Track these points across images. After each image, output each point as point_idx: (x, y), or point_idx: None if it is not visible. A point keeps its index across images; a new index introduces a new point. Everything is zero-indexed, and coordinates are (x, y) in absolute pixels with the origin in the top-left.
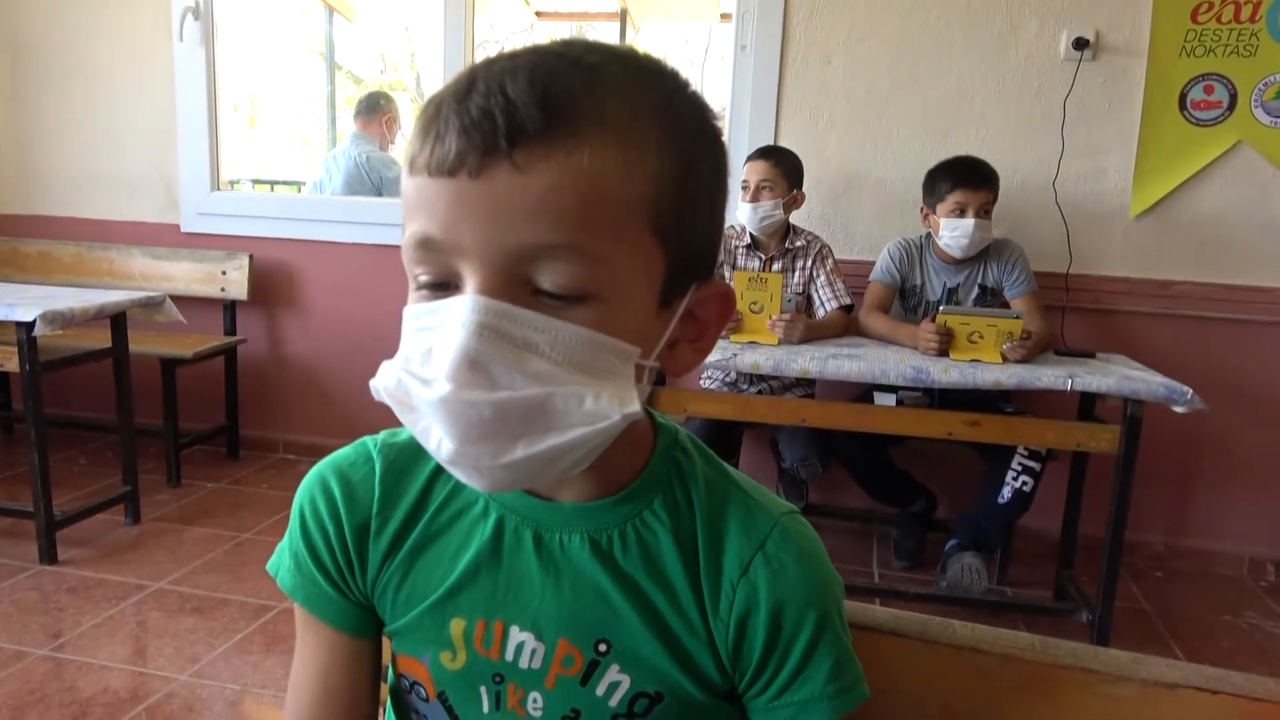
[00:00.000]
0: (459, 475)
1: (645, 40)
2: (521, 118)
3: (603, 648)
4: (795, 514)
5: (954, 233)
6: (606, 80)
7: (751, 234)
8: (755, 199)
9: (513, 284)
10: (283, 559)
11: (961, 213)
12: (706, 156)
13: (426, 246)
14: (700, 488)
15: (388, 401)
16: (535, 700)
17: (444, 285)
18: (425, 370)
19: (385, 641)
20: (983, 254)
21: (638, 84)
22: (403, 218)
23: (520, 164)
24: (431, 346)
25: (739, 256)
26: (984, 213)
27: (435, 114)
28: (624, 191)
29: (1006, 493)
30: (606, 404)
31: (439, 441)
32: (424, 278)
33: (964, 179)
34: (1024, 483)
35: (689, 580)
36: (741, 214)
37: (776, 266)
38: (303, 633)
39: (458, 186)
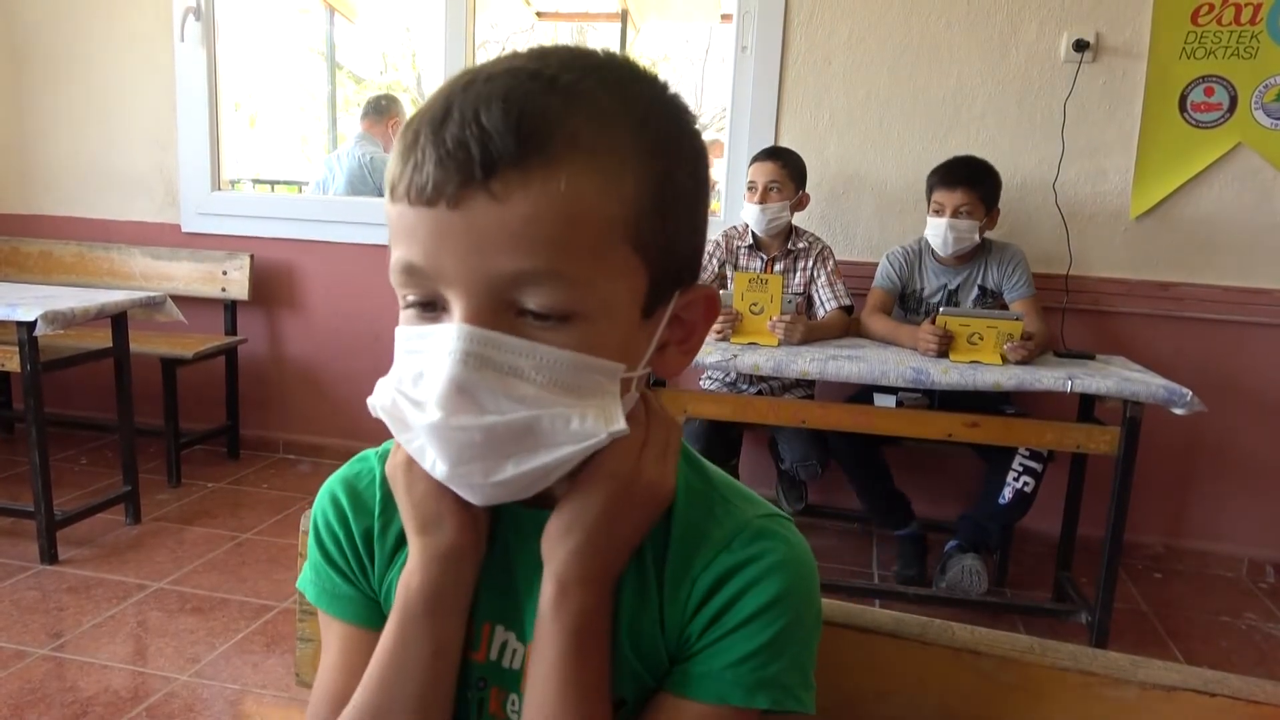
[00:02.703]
0: (455, 490)
1: (645, 40)
2: (497, 147)
3: None
4: (776, 517)
5: (931, 232)
6: (582, 100)
7: (755, 234)
8: (763, 200)
9: (497, 309)
10: (306, 574)
11: (939, 212)
12: (685, 165)
13: (411, 272)
14: (680, 494)
15: (384, 419)
16: (514, 702)
17: (431, 304)
18: (416, 392)
19: None
20: (982, 256)
21: (613, 99)
22: (389, 238)
23: (498, 193)
24: (422, 371)
25: (741, 256)
26: (962, 213)
27: (413, 141)
28: (602, 213)
29: (1007, 494)
30: (592, 424)
31: (433, 461)
32: (411, 298)
33: (943, 179)
34: (1025, 484)
35: (657, 583)
36: (748, 215)
37: (778, 267)
38: (325, 638)
39: (437, 216)
